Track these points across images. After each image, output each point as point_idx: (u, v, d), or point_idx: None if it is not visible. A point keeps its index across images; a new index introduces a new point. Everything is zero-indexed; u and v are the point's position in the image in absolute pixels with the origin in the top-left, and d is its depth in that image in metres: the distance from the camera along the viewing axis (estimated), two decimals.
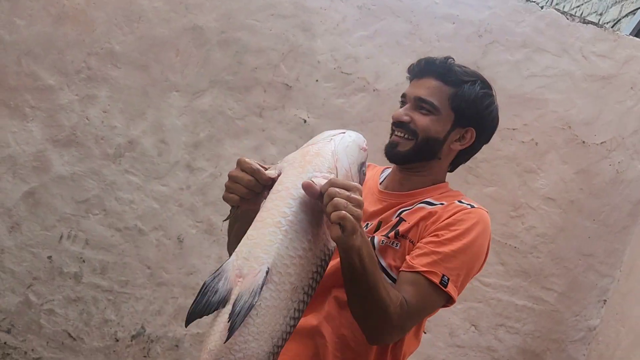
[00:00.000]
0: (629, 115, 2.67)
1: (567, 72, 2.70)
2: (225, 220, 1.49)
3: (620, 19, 7.26)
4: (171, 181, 2.86)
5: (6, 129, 2.90)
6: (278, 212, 1.25)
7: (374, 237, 1.60)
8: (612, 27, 6.90)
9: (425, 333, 2.75)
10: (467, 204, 1.59)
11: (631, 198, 2.68)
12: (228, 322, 1.16)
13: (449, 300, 1.53)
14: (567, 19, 2.76)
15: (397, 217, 1.61)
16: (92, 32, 2.85)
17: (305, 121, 2.79)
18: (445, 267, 1.48)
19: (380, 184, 1.73)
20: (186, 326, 1.21)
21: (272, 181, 1.32)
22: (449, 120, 1.62)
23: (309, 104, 2.80)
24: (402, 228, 1.58)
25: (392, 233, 1.58)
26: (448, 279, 1.49)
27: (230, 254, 1.51)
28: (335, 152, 1.36)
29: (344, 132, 1.43)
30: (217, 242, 2.84)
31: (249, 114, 2.83)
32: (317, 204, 1.27)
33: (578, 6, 8.61)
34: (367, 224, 1.65)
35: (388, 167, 1.77)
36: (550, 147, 2.71)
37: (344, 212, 1.21)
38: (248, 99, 2.82)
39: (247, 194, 1.33)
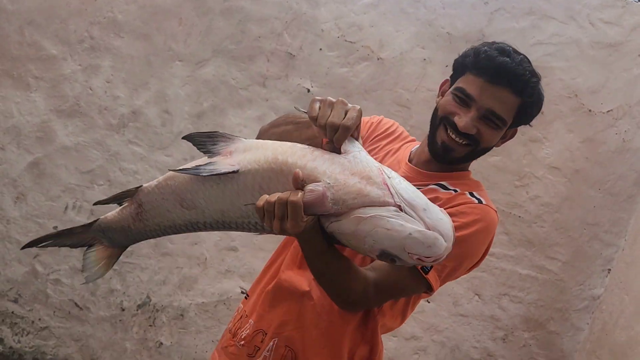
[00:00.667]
0: (636, 83, 2.64)
1: (573, 40, 2.66)
2: None
3: None
4: (175, 151, 2.85)
5: (10, 100, 2.90)
6: (287, 158, 1.27)
7: None
8: None
9: (428, 302, 2.77)
10: (477, 199, 1.55)
11: (637, 167, 2.65)
12: (193, 166, 1.32)
13: (429, 288, 1.51)
14: None
15: None
16: (95, 1, 2.84)
17: (308, 90, 2.78)
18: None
19: (410, 155, 1.69)
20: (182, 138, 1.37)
21: (339, 148, 1.30)
22: (506, 129, 1.58)
23: (313, 73, 2.78)
24: None
25: None
26: (431, 267, 1.46)
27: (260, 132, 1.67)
28: (370, 216, 1.21)
29: (425, 229, 1.20)
30: None
31: (252, 83, 2.81)
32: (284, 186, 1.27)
33: None
34: None
35: (418, 143, 1.73)
36: (556, 116, 2.68)
37: (261, 211, 1.24)
38: (251, 69, 2.80)
39: (322, 126, 1.30)
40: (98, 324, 2.93)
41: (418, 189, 1.56)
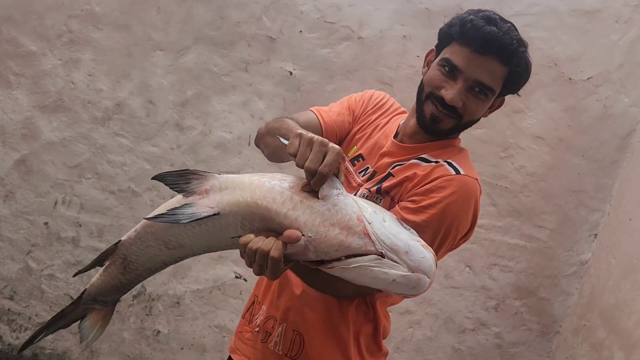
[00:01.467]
0: (615, 50, 2.67)
1: (551, 9, 2.68)
2: None
3: None
4: (161, 141, 2.86)
5: None
6: (266, 203, 1.25)
7: (356, 191, 1.62)
8: None
9: None
10: (454, 169, 1.54)
11: (619, 132, 2.69)
12: (165, 211, 1.28)
13: None
14: None
15: (388, 170, 1.62)
16: None
17: (291, 73, 2.79)
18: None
19: (397, 131, 1.70)
20: (152, 179, 1.33)
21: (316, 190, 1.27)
22: (493, 98, 1.58)
23: (294, 56, 2.79)
24: (385, 184, 1.58)
25: (375, 188, 1.59)
26: None
27: (257, 139, 1.75)
28: (354, 267, 1.22)
29: (409, 272, 1.21)
30: None
31: (234, 69, 2.81)
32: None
33: None
34: (367, 167, 1.68)
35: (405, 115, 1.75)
36: (537, 86, 2.71)
37: (243, 252, 1.24)
38: (233, 54, 2.80)
39: (300, 165, 1.26)
40: None
41: (399, 165, 1.59)
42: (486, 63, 1.49)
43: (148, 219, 1.31)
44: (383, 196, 1.58)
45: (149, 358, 2.94)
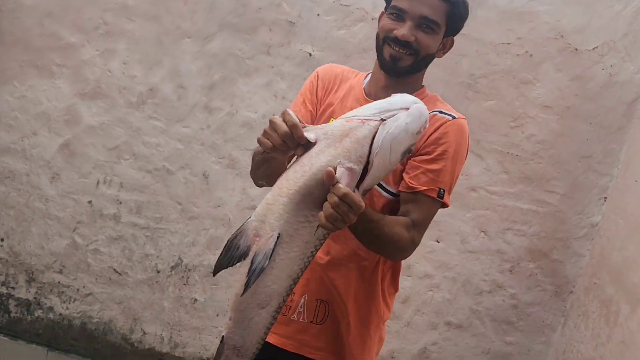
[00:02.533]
0: (618, 19, 2.77)
1: None
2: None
3: None
4: (192, 122, 3.07)
5: (37, 88, 3.14)
6: (297, 185, 1.39)
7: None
8: None
9: (438, 243, 2.97)
10: (448, 115, 1.77)
11: (625, 99, 2.80)
12: (246, 277, 1.40)
13: (443, 206, 1.77)
14: None
15: None
16: None
17: (310, 55, 2.96)
18: (440, 181, 1.72)
19: (365, 91, 1.85)
20: (214, 275, 1.48)
21: (306, 141, 1.41)
22: (442, 34, 1.77)
23: (313, 38, 2.96)
24: None
25: None
26: (444, 191, 1.73)
27: (254, 181, 1.80)
28: (379, 143, 1.39)
29: (406, 111, 1.42)
30: (239, 175, 3.06)
31: (257, 53, 3.00)
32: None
33: None
34: None
35: (369, 73, 1.90)
36: (544, 58, 2.83)
37: (330, 224, 1.36)
38: (255, 39, 2.99)
39: (281, 144, 1.41)
40: (137, 286, 3.20)
41: None
42: (425, 1, 1.69)
43: (242, 295, 1.42)
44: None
45: (187, 324, 3.17)
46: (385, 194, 1.76)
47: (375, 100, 1.72)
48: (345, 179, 1.36)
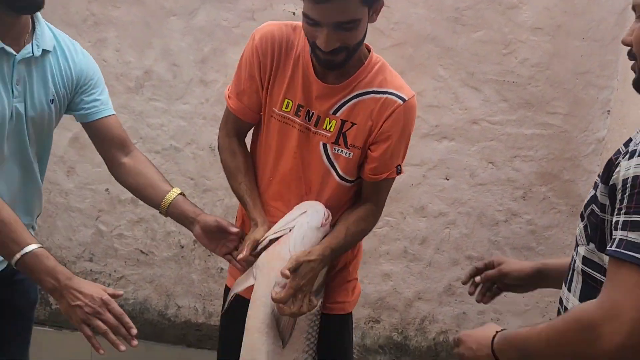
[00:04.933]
0: None
1: None
2: None
3: None
4: (191, 98, 3.13)
5: None
6: (259, 320, 1.72)
7: (326, 144, 1.83)
8: None
9: (448, 180, 2.99)
10: (398, 97, 1.80)
11: (615, 9, 2.75)
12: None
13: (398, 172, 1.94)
14: None
15: (337, 114, 1.81)
16: None
17: (294, 13, 2.97)
18: (397, 161, 1.88)
19: (313, 68, 1.80)
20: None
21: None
22: (366, 14, 1.64)
23: None
24: (350, 136, 1.82)
25: (341, 140, 1.83)
26: (400, 166, 1.90)
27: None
28: (294, 246, 1.72)
29: (303, 214, 1.78)
30: None
31: (242, 20, 3.03)
32: None
33: None
34: (309, 111, 1.83)
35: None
36: None
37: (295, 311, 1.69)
38: (238, 6, 3.01)
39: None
40: (164, 264, 3.31)
41: (344, 105, 1.83)
42: (332, 7, 1.55)
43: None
44: (352, 150, 1.84)
45: (217, 293, 3.27)
46: (343, 182, 1.89)
47: (321, 80, 1.80)
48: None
